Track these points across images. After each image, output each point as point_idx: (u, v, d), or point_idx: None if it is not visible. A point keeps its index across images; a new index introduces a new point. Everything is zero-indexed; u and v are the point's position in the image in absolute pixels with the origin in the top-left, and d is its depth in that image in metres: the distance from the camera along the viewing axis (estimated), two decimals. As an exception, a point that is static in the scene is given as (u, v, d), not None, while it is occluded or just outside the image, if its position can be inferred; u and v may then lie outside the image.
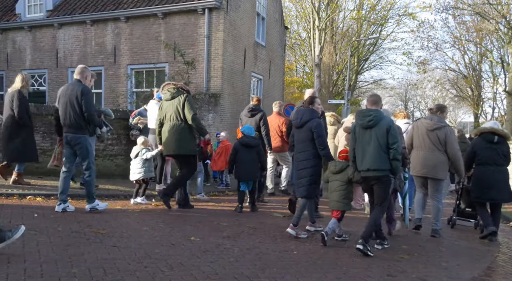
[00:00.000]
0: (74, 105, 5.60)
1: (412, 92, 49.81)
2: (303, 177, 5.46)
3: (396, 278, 4.03)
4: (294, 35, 32.60)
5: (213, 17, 13.04)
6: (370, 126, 4.83)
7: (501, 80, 30.29)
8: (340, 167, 5.18)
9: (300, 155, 5.55)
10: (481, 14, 22.49)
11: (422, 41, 29.57)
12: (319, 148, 5.41)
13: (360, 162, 4.91)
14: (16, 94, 6.68)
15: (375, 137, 4.79)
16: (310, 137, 5.43)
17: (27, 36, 15.74)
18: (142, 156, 6.75)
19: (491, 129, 6.29)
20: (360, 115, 5.00)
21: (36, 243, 4.08)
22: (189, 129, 6.32)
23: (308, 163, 5.44)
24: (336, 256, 4.62)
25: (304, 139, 5.50)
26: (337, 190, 5.14)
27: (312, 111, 5.59)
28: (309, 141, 5.45)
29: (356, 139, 4.99)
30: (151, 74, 14.26)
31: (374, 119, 4.81)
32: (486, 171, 6.16)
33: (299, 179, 5.55)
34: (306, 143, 5.48)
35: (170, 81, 7.25)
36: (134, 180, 6.87)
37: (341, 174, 5.16)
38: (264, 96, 16.85)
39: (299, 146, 5.60)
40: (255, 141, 7.05)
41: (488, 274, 4.53)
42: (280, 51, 18.68)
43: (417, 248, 5.33)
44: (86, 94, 5.62)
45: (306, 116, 5.50)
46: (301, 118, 5.52)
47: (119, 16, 14.04)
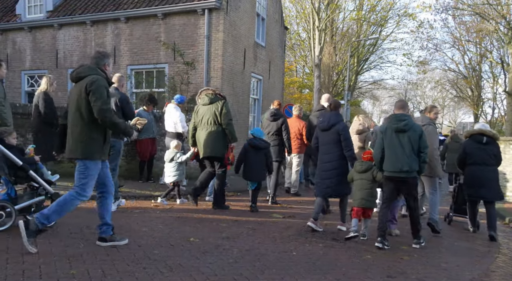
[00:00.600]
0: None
1: (412, 93, 49.81)
2: (329, 178, 5.78)
3: (396, 279, 4.03)
4: (294, 35, 32.59)
5: (213, 17, 13.03)
6: (404, 130, 5.18)
7: (501, 80, 30.30)
8: (366, 167, 5.53)
9: (326, 157, 5.87)
10: (481, 14, 22.47)
11: (422, 42, 29.60)
12: (345, 150, 5.75)
13: (390, 163, 5.24)
14: (41, 95, 6.98)
15: (408, 141, 5.17)
16: (336, 139, 5.78)
17: (27, 36, 15.73)
18: (177, 160, 7.11)
19: (480, 130, 6.56)
20: (394, 119, 5.32)
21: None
22: (223, 133, 6.62)
23: (334, 164, 5.78)
24: (336, 257, 4.61)
25: (330, 141, 5.83)
26: (363, 188, 5.48)
27: (338, 115, 5.97)
28: (335, 143, 5.79)
29: (386, 141, 5.29)
30: (151, 75, 14.25)
31: (409, 124, 5.19)
32: (476, 170, 6.39)
33: (323, 179, 5.84)
34: (332, 145, 5.81)
35: (208, 87, 7.65)
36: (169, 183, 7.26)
37: (366, 174, 5.50)
38: (264, 96, 16.84)
39: (324, 148, 5.91)
40: (264, 144, 7.24)
41: (488, 275, 4.53)
42: (280, 51, 18.67)
43: (416, 249, 5.32)
44: (123, 102, 6.12)
45: (333, 119, 5.85)
46: (328, 121, 5.85)
47: (119, 16, 14.03)
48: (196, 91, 12.70)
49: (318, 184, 5.98)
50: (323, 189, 5.88)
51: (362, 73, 36.41)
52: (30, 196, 4.81)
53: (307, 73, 34.74)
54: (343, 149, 5.77)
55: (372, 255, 4.84)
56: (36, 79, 15.86)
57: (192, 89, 12.79)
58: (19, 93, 15.97)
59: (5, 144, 4.75)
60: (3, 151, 4.56)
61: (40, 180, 4.81)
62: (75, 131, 4.16)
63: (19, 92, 15.96)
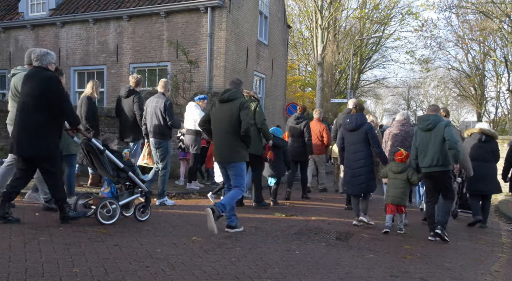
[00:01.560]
0: (159, 116, 6.71)
1: (415, 91, 49.68)
2: (360, 175, 6.16)
3: (399, 278, 4.01)
4: (296, 34, 32.51)
5: (215, 15, 13.03)
6: (430, 128, 5.65)
7: (504, 79, 30.17)
8: (401, 168, 5.98)
9: (354, 156, 6.22)
10: (485, 12, 22.40)
11: (425, 40, 29.43)
12: (373, 147, 6.17)
13: (423, 160, 5.73)
14: (84, 100, 7.20)
15: (434, 137, 5.61)
16: (363, 139, 6.15)
17: (30, 34, 15.76)
18: None
19: (480, 129, 7.15)
20: (421, 120, 5.88)
21: (37, 242, 4.07)
22: (258, 132, 6.93)
23: (363, 162, 6.15)
24: (338, 256, 4.60)
25: (357, 141, 6.20)
26: (398, 187, 5.96)
27: (363, 116, 6.36)
28: (362, 142, 6.16)
29: (417, 141, 5.82)
30: (153, 73, 14.26)
31: (433, 123, 5.66)
32: (476, 166, 6.68)
33: (354, 177, 6.20)
34: (360, 144, 6.18)
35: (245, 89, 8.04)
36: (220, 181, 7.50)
37: (401, 174, 5.96)
38: (267, 95, 16.82)
39: (351, 148, 6.27)
40: (283, 142, 7.79)
41: (491, 275, 4.50)
42: (283, 50, 18.65)
43: (419, 248, 5.31)
44: (169, 107, 6.75)
45: (360, 120, 6.23)
46: (355, 122, 6.21)
47: (121, 15, 14.04)
48: (198, 90, 12.74)
49: (350, 182, 6.30)
50: (356, 186, 6.21)
51: (364, 72, 36.35)
52: (128, 194, 5.43)
53: (310, 72, 34.68)
54: (370, 147, 6.17)
55: (375, 254, 4.82)
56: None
57: (195, 87, 12.79)
58: (22, 91, 15.97)
59: (110, 149, 5.37)
60: (109, 155, 5.20)
61: (137, 180, 5.43)
62: (230, 139, 5.25)
63: (22, 90, 15.97)
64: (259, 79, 16.33)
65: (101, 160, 5.13)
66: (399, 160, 6.09)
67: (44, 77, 4.70)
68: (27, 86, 4.73)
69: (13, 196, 4.85)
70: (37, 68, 4.80)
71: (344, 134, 6.42)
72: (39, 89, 4.63)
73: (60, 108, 4.74)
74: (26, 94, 4.71)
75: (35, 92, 4.64)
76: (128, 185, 5.43)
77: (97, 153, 5.10)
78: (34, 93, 4.64)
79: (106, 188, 5.62)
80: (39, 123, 4.66)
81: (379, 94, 48.10)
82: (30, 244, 3.97)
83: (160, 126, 6.72)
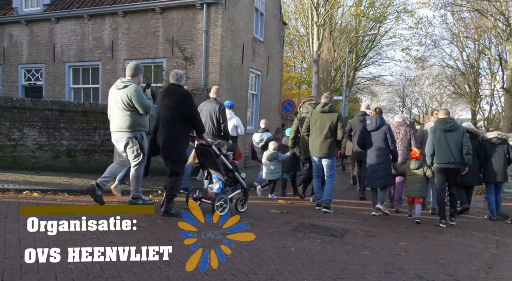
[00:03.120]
0: (213, 119, 7.32)
1: (410, 89, 49.81)
2: (379, 171, 6.99)
3: (394, 275, 4.03)
4: (292, 31, 32.49)
5: (211, 12, 12.98)
6: (451, 130, 6.63)
7: (498, 77, 30.28)
8: (418, 165, 6.94)
9: (375, 153, 7.06)
10: (480, 10, 22.46)
11: (421, 38, 29.42)
12: (391, 145, 7.04)
13: (440, 157, 6.66)
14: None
15: (453, 138, 6.60)
16: (383, 138, 7.01)
17: (24, 30, 15.63)
18: (279, 158, 8.23)
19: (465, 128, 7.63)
20: (442, 122, 6.75)
21: (33, 238, 4.06)
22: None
23: (383, 159, 7.01)
24: (334, 253, 4.61)
25: (378, 140, 7.05)
26: (416, 182, 6.92)
27: (382, 118, 7.23)
28: (382, 141, 7.01)
29: (436, 140, 6.69)
30: (148, 69, 14.18)
31: (454, 125, 6.69)
32: None
33: (374, 172, 7.04)
34: (380, 143, 7.03)
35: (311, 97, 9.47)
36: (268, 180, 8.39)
37: (419, 170, 6.92)
38: (262, 92, 16.81)
39: (372, 146, 7.10)
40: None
41: (485, 271, 4.54)
42: (279, 47, 18.62)
43: (414, 245, 5.34)
44: (222, 111, 7.37)
45: (380, 122, 7.10)
46: (376, 123, 7.10)
47: (116, 10, 13.95)
48: (194, 86, 12.71)
49: (370, 177, 7.11)
50: (376, 180, 7.04)
51: (360, 69, 36.38)
52: (231, 190, 6.35)
53: (306, 69, 34.67)
54: (388, 145, 7.01)
55: (370, 250, 4.85)
56: (33, 73, 15.79)
57: (190, 84, 12.75)
58: (16, 87, 15.88)
59: (222, 153, 6.21)
60: (223, 159, 6.15)
61: (240, 179, 6.38)
62: (329, 141, 7.07)
63: (16, 86, 15.88)
64: (254, 76, 16.32)
65: (216, 163, 6.08)
66: (415, 158, 7.05)
67: (180, 94, 5.62)
68: (166, 100, 5.64)
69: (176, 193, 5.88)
70: (174, 86, 5.71)
71: (364, 134, 7.23)
72: (177, 103, 5.53)
73: (191, 120, 5.60)
74: (165, 107, 5.60)
75: (172, 106, 5.53)
76: (231, 182, 6.32)
77: (214, 157, 6.03)
78: (171, 106, 5.54)
79: (214, 185, 6.36)
80: (173, 133, 5.53)
81: (375, 92, 48.20)
82: (25, 240, 3.95)
83: (213, 128, 7.37)
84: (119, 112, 5.62)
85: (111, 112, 5.77)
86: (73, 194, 6.49)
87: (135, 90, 5.54)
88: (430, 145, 6.79)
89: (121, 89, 5.60)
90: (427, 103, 50.72)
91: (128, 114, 5.58)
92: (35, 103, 8.15)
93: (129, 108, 5.56)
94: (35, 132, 8.03)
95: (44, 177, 7.39)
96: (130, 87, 5.56)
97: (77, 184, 7.13)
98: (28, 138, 8.00)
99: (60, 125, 8.40)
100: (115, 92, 5.69)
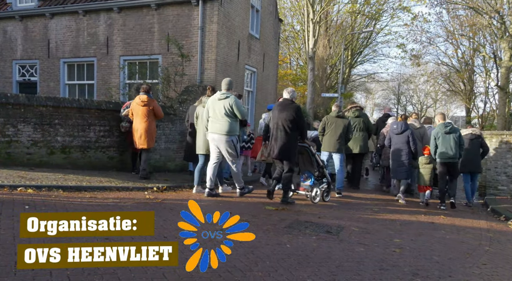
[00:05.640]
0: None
1: (405, 86, 49.93)
2: (403, 166, 8.75)
3: (388, 271, 4.05)
4: (288, 28, 32.44)
5: (207, 8, 12.93)
6: (450, 132, 8.31)
7: (493, 74, 30.35)
8: (429, 160, 8.65)
9: (400, 152, 8.79)
10: (475, 8, 22.50)
11: (416, 35, 29.44)
12: (412, 146, 8.72)
13: (443, 153, 8.33)
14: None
15: (453, 139, 8.29)
16: (406, 140, 8.74)
17: (18, 25, 15.51)
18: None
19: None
20: (443, 126, 8.38)
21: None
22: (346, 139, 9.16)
23: (405, 157, 8.73)
24: (329, 250, 4.63)
25: (402, 141, 8.78)
26: (427, 173, 8.63)
27: (407, 123, 9.00)
28: (405, 143, 8.74)
29: (439, 140, 8.37)
30: (144, 66, 14.13)
31: (452, 128, 8.37)
32: None
33: (399, 167, 8.81)
34: (404, 144, 8.75)
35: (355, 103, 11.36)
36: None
37: (430, 164, 8.63)
38: (258, 88, 16.80)
39: (397, 146, 8.83)
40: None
41: (479, 267, 4.57)
42: (274, 43, 18.60)
43: (409, 242, 5.37)
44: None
45: (404, 126, 8.83)
46: (401, 127, 8.81)
47: (111, 6, 13.87)
48: (190, 83, 12.68)
49: (396, 171, 8.91)
50: (400, 173, 8.84)
51: (355, 66, 36.42)
52: (319, 183, 7.68)
53: (301, 66, 34.66)
54: (410, 146, 8.70)
55: (365, 247, 4.87)
56: (27, 69, 15.68)
57: (186, 81, 12.72)
58: (10, 83, 15.77)
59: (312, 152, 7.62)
60: (317, 157, 7.66)
61: (327, 174, 7.76)
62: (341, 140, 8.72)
63: (10, 82, 15.77)
64: (250, 73, 16.29)
65: (311, 160, 7.64)
66: (427, 153, 8.72)
67: (294, 108, 7.09)
68: (283, 114, 7.01)
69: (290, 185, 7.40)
70: (288, 101, 7.18)
71: (392, 136, 8.97)
72: (293, 115, 6.98)
73: (301, 129, 7.16)
74: (282, 119, 7.00)
75: (289, 117, 6.97)
76: (319, 177, 7.66)
77: (310, 155, 7.63)
78: (288, 118, 6.97)
79: (305, 179, 7.66)
80: (290, 138, 6.99)
81: (370, 89, 48.30)
82: (19, 238, 3.93)
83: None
84: (220, 117, 6.99)
85: (211, 118, 7.13)
86: (68, 190, 6.46)
87: (235, 101, 6.98)
88: (433, 145, 8.49)
89: (222, 100, 6.98)
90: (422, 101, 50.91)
91: (227, 120, 6.95)
92: (29, 99, 8.09)
93: (229, 114, 6.94)
94: (29, 128, 7.97)
95: (38, 174, 7.35)
96: (231, 98, 6.96)
97: (72, 181, 7.10)
98: (22, 134, 7.95)
99: (55, 121, 8.34)
100: (215, 102, 7.06)
